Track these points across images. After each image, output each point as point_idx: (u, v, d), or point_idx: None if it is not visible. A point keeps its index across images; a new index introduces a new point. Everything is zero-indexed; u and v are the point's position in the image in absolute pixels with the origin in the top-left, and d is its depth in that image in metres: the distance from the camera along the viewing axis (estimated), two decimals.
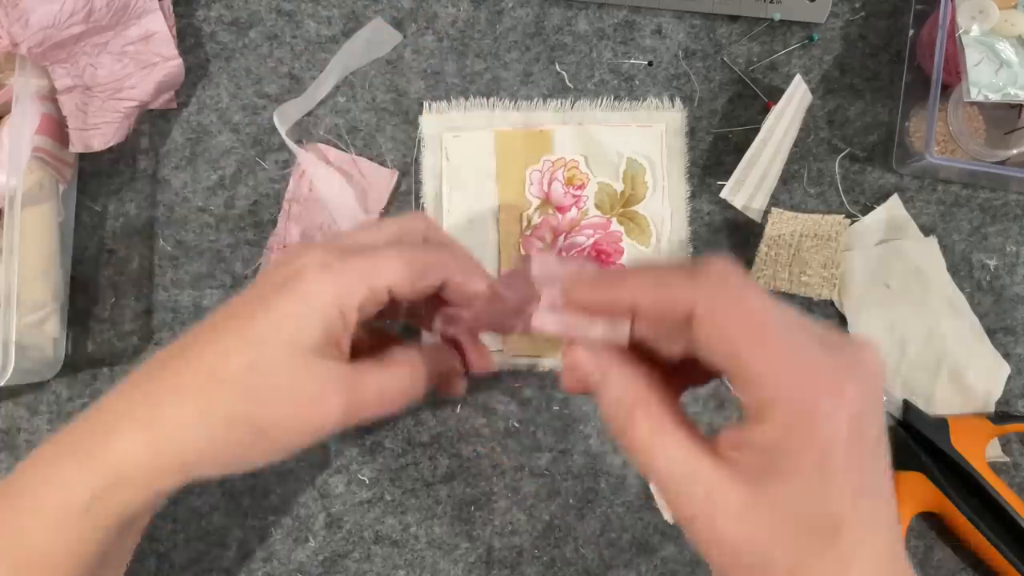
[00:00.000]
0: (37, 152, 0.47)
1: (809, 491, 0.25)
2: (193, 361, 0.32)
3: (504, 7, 0.54)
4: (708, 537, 0.26)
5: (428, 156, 0.53)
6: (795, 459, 0.25)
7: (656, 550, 0.51)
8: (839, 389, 0.25)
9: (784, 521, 0.26)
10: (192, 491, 0.52)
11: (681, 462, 0.27)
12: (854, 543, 0.26)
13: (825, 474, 0.25)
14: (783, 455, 0.25)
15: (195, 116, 0.53)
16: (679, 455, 0.27)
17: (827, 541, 0.26)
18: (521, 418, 0.52)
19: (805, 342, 0.26)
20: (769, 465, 0.26)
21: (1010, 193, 0.53)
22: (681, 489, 0.26)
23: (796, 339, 0.26)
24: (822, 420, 0.25)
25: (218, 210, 0.53)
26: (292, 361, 0.31)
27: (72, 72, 0.48)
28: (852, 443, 0.25)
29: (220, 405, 0.31)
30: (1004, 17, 0.48)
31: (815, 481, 0.25)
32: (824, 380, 0.25)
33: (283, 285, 0.33)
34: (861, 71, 0.54)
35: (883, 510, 0.27)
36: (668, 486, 0.27)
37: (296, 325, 0.31)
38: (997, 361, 0.52)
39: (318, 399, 0.32)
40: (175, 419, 0.31)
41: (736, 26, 0.54)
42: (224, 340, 0.32)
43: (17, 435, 0.52)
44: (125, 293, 0.53)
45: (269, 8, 0.54)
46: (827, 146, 0.54)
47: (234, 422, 0.31)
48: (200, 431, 0.31)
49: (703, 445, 0.27)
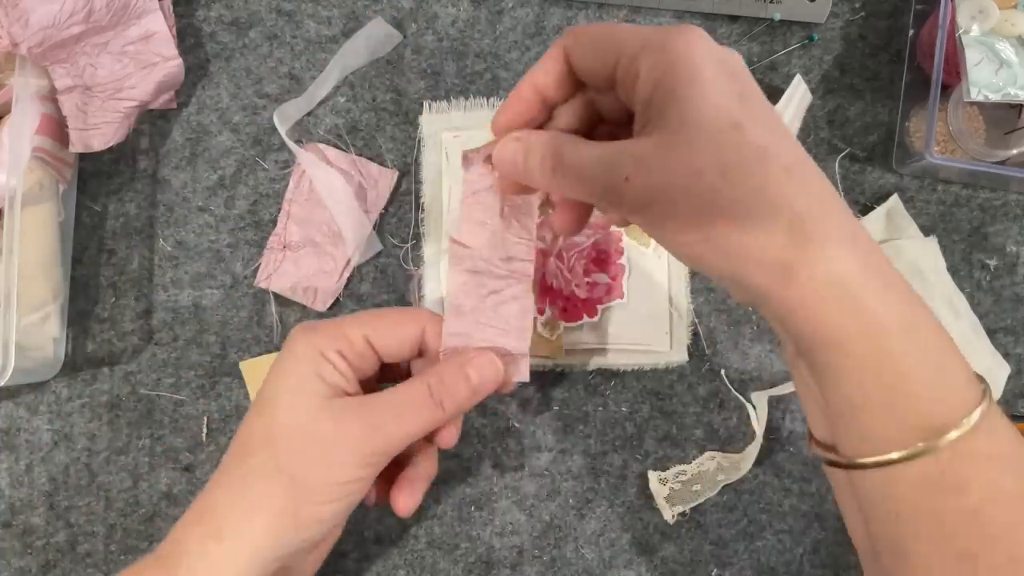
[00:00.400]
0: (37, 152, 0.47)
1: (696, 101, 0.28)
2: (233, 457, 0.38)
3: (504, 7, 0.54)
4: (647, 192, 0.29)
5: (428, 156, 0.53)
6: (672, 87, 0.29)
7: (656, 550, 0.51)
8: (690, 30, 0.30)
9: (694, 139, 0.28)
10: (192, 491, 0.52)
11: (613, 149, 0.30)
12: (764, 137, 0.28)
13: (702, 81, 0.28)
14: (663, 89, 0.29)
15: (195, 116, 0.53)
16: (608, 148, 0.31)
17: (738, 139, 0.28)
18: (521, 418, 0.52)
19: (652, 27, 0.32)
20: (659, 109, 0.29)
21: (1010, 193, 0.53)
22: (616, 169, 0.30)
23: (642, 27, 0.32)
24: (679, 48, 0.29)
25: (218, 210, 0.53)
26: (299, 407, 0.35)
27: (72, 72, 0.48)
28: (718, 64, 0.29)
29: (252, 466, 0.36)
30: (1004, 17, 0.48)
31: (696, 90, 0.28)
32: (674, 30, 0.30)
33: (280, 355, 0.38)
34: (861, 71, 0.54)
35: (781, 125, 0.30)
36: (602, 172, 0.30)
37: (295, 376, 0.36)
38: (997, 361, 0.52)
39: (332, 433, 0.35)
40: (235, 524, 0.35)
41: (736, 26, 0.54)
42: (247, 419, 0.38)
43: (17, 435, 0.52)
44: (125, 293, 0.53)
45: (269, 8, 0.54)
46: (827, 146, 0.54)
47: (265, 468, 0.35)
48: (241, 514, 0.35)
49: (622, 140, 0.31)
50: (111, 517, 0.51)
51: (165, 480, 0.52)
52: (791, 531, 0.52)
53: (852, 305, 0.28)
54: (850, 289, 0.28)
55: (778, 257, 0.28)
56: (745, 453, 0.51)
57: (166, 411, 0.52)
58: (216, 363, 0.52)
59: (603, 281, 0.51)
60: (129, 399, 0.52)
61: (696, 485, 0.51)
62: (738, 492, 0.52)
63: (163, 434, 0.52)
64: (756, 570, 0.52)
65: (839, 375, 0.29)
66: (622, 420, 0.52)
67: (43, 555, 0.51)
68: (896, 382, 0.28)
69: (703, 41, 0.29)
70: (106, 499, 0.51)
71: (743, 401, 0.52)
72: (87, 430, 0.52)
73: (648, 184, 0.29)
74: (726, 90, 0.29)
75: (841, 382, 0.29)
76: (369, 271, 0.53)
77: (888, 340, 0.28)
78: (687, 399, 0.52)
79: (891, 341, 0.28)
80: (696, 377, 0.52)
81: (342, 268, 0.52)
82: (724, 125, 0.28)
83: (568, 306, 0.51)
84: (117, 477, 0.52)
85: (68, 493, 0.51)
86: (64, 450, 0.52)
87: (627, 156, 0.30)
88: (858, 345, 0.28)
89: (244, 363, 0.52)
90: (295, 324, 0.52)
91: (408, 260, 0.53)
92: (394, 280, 0.53)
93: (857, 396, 0.29)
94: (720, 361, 0.52)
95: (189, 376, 0.52)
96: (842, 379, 0.29)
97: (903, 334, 0.28)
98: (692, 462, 0.52)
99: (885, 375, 0.28)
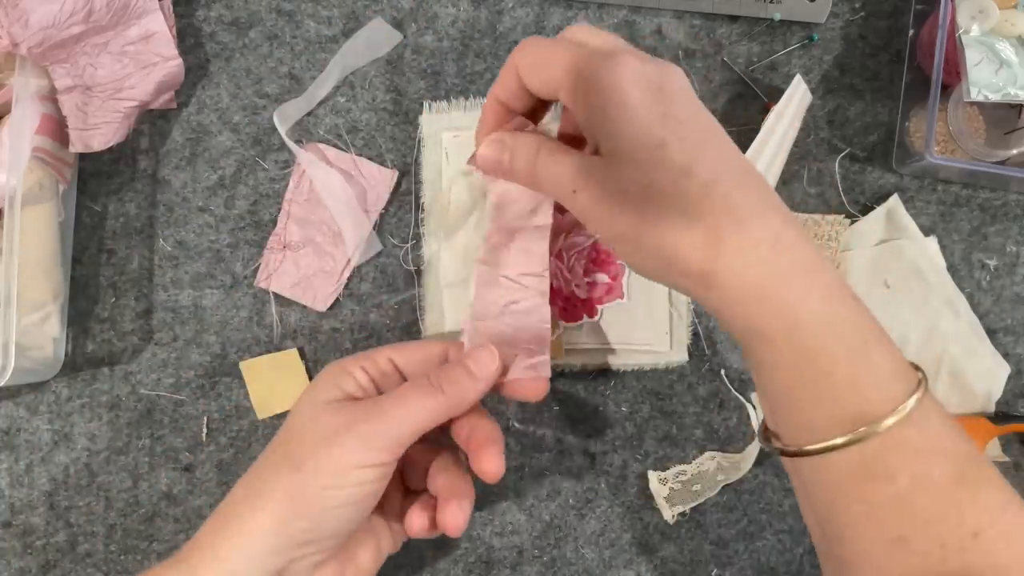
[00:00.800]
0: (37, 152, 0.47)
1: (623, 126, 0.31)
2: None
3: (504, 7, 0.54)
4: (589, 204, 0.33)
5: (428, 156, 0.53)
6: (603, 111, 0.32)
7: (656, 550, 0.51)
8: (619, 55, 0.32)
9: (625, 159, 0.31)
10: (192, 491, 0.52)
11: (570, 164, 0.34)
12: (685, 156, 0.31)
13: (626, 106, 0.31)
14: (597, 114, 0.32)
15: (195, 116, 0.53)
16: (569, 162, 0.34)
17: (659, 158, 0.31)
18: (521, 418, 0.52)
19: (598, 45, 0.34)
20: (596, 132, 0.32)
21: (1010, 193, 0.53)
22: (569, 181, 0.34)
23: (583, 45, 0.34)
24: (605, 75, 0.31)
25: (218, 210, 0.53)
26: (312, 409, 0.38)
27: (72, 72, 0.48)
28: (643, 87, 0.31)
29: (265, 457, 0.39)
30: (1004, 17, 0.48)
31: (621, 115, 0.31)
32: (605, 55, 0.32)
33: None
34: (861, 71, 0.54)
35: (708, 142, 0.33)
36: (561, 182, 0.34)
37: (316, 387, 0.39)
38: (997, 361, 0.52)
39: (336, 423, 0.36)
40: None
41: (736, 26, 0.54)
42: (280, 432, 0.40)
43: (17, 435, 0.52)
44: (125, 293, 0.53)
45: (269, 8, 0.54)
46: (827, 146, 0.54)
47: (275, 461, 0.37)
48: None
49: (585, 154, 0.35)
50: (111, 517, 0.51)
51: (165, 480, 0.52)
52: (791, 531, 0.52)
53: (770, 306, 0.30)
54: (767, 290, 0.30)
55: (698, 266, 0.30)
56: (745, 453, 0.51)
57: (166, 411, 0.52)
58: (216, 363, 0.52)
59: (603, 281, 0.51)
60: (129, 399, 0.52)
61: (696, 485, 0.51)
62: (738, 492, 0.52)
63: (163, 434, 0.52)
64: (756, 570, 0.52)
65: (769, 369, 0.31)
66: (622, 420, 0.52)
67: (43, 555, 0.51)
68: (819, 376, 0.30)
69: (631, 64, 0.32)
70: (106, 499, 0.51)
71: (743, 401, 0.52)
72: (87, 430, 0.52)
73: (590, 197, 0.33)
74: (652, 111, 0.31)
75: (772, 375, 0.31)
76: (369, 271, 0.53)
77: (807, 337, 0.30)
78: (687, 399, 0.52)
79: (810, 338, 0.30)
80: (696, 377, 0.52)
81: (342, 268, 0.52)
82: (649, 145, 0.31)
83: (568, 306, 0.51)
84: (117, 477, 0.52)
85: (68, 493, 0.51)
86: (64, 450, 0.52)
87: (577, 171, 0.33)
88: (781, 342, 0.30)
89: (244, 363, 0.52)
90: (295, 324, 0.52)
91: (408, 260, 0.53)
92: (394, 280, 0.53)
93: (787, 389, 0.31)
94: (720, 361, 0.52)
95: (189, 376, 0.52)
96: (772, 373, 0.31)
97: (822, 330, 0.30)
98: (692, 462, 0.52)
99: (808, 370, 0.30)
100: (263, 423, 0.52)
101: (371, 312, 0.53)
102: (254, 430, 0.52)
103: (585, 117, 0.33)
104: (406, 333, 0.52)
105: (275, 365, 0.52)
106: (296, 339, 0.52)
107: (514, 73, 0.36)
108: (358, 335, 0.52)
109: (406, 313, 0.53)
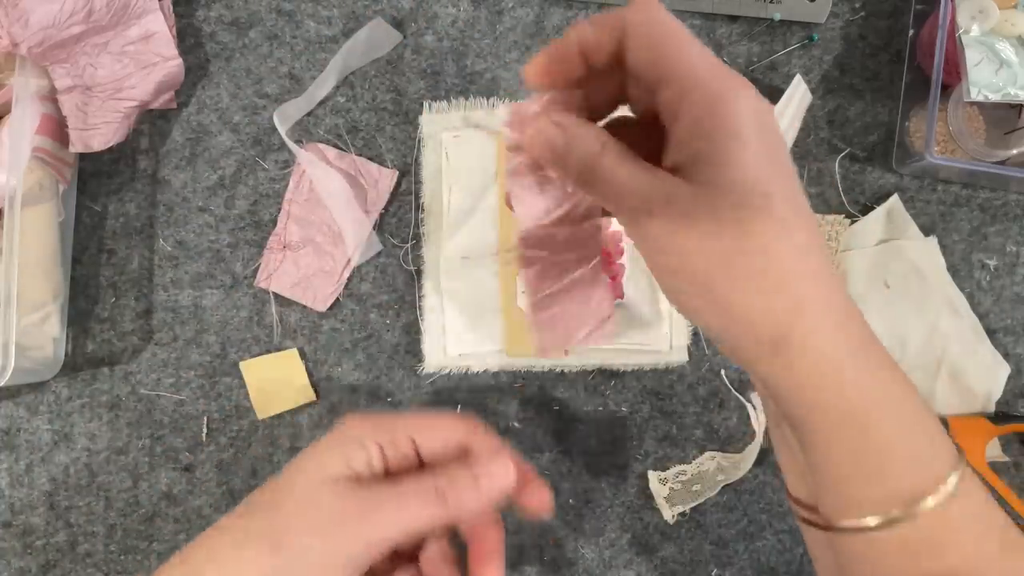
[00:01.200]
0: (37, 152, 0.47)
1: (733, 164, 0.28)
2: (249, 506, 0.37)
3: (504, 7, 0.54)
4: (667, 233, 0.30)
5: (428, 156, 0.53)
6: (712, 138, 0.28)
7: (656, 550, 0.51)
8: (742, 83, 0.29)
9: (722, 199, 0.28)
10: (192, 491, 0.52)
11: (648, 181, 0.30)
12: (787, 213, 0.29)
13: (743, 144, 0.28)
14: (703, 138, 0.29)
15: (195, 116, 0.53)
16: (644, 177, 0.30)
17: (764, 210, 0.28)
18: (521, 418, 0.52)
19: (712, 56, 0.30)
20: (695, 154, 0.29)
21: (1010, 193, 0.53)
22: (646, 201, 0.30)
23: (706, 51, 0.30)
24: (730, 103, 0.29)
25: (218, 210, 0.53)
26: (312, 485, 0.36)
27: (72, 72, 0.48)
28: (759, 128, 0.29)
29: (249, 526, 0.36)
30: (1004, 17, 0.48)
31: (736, 154, 0.28)
32: (728, 77, 0.29)
33: (330, 431, 0.38)
34: (861, 71, 0.54)
35: (803, 201, 0.30)
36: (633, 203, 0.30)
37: (326, 454, 0.37)
38: (997, 361, 0.52)
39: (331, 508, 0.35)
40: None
41: (736, 26, 0.54)
42: (269, 479, 0.38)
43: (17, 435, 0.52)
44: (125, 293, 0.53)
45: (269, 8, 0.54)
46: (827, 146, 0.54)
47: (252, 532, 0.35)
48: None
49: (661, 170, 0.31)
50: (111, 517, 0.51)
51: (165, 480, 0.52)
52: (791, 531, 0.52)
53: (837, 382, 0.29)
54: (836, 367, 0.29)
55: (773, 331, 0.29)
56: (745, 453, 0.51)
57: (166, 411, 0.52)
58: (216, 363, 0.52)
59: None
60: (129, 399, 0.52)
61: (696, 485, 0.51)
62: (738, 492, 0.52)
63: (163, 434, 0.52)
64: (756, 570, 0.52)
65: (822, 445, 0.30)
66: (622, 420, 0.52)
67: (43, 555, 0.51)
68: (876, 455, 0.30)
69: (751, 99, 0.29)
70: (106, 499, 0.51)
71: (743, 401, 0.52)
72: (87, 430, 0.52)
73: (670, 227, 0.29)
74: (761, 154, 0.29)
75: (824, 452, 0.31)
76: (369, 271, 0.53)
77: (869, 416, 0.29)
78: (687, 399, 0.52)
79: (872, 417, 0.29)
80: (696, 377, 0.52)
81: (342, 268, 0.52)
82: (756, 192, 0.29)
83: None
84: (117, 477, 0.52)
85: (68, 493, 0.51)
86: (64, 450, 0.52)
87: (658, 192, 0.30)
88: (841, 420, 0.30)
89: (244, 363, 0.52)
90: (295, 324, 0.52)
91: (408, 260, 0.53)
92: (394, 280, 0.53)
93: (839, 466, 0.30)
94: (720, 361, 0.52)
95: (189, 376, 0.52)
96: (825, 449, 0.30)
97: (884, 410, 0.29)
98: (692, 462, 0.52)
99: (866, 449, 0.30)
100: (263, 423, 0.52)
101: (371, 312, 0.52)
102: (254, 430, 0.52)
103: (685, 136, 0.29)
104: (406, 333, 0.52)
105: (275, 365, 0.52)
106: (296, 339, 0.52)
107: (616, 30, 0.30)
108: (358, 335, 0.52)
109: (406, 313, 0.53)
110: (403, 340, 0.53)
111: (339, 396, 0.52)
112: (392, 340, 0.53)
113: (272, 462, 0.52)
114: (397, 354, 0.52)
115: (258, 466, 0.52)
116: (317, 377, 0.52)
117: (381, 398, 0.52)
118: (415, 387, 0.52)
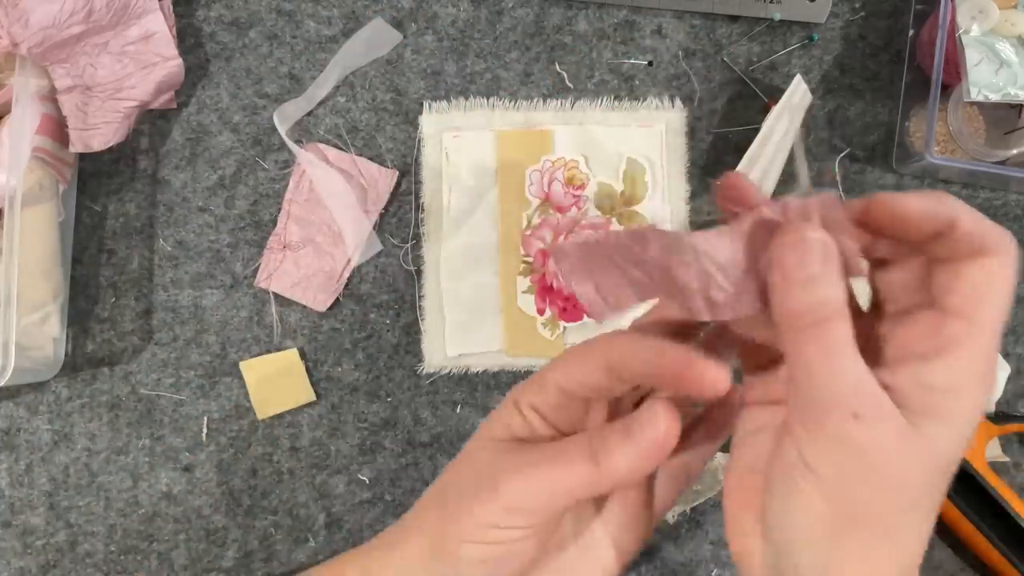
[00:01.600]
0: (37, 152, 0.47)
1: (956, 439, 0.26)
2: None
3: (504, 7, 0.54)
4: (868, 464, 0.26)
5: (428, 156, 0.53)
6: (959, 404, 0.25)
7: (656, 550, 0.51)
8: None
9: (934, 462, 0.26)
10: (192, 491, 0.52)
11: (858, 382, 0.25)
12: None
13: (970, 425, 0.26)
14: (953, 397, 0.25)
15: (195, 116, 0.53)
16: (861, 376, 0.25)
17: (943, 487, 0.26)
18: None
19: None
20: (933, 406, 0.25)
21: (1010, 193, 0.53)
22: (857, 412, 0.25)
23: None
24: (985, 376, 0.26)
25: (218, 210, 0.53)
26: (478, 442, 0.35)
27: (72, 72, 0.48)
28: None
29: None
30: (1004, 17, 0.48)
31: (964, 431, 0.26)
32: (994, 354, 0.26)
33: None
34: (861, 71, 0.54)
35: None
36: (837, 404, 0.26)
37: (489, 424, 0.35)
38: (997, 361, 0.52)
39: (486, 465, 0.33)
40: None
41: (736, 26, 0.54)
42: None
43: (17, 435, 0.52)
44: (125, 293, 0.53)
45: (269, 8, 0.54)
46: (827, 146, 0.54)
47: (438, 488, 0.34)
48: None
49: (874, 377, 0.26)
50: (111, 517, 0.51)
51: (165, 480, 0.52)
52: None
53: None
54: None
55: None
56: None
57: (166, 411, 0.52)
58: (216, 363, 0.52)
59: None
60: (129, 399, 0.52)
61: (696, 485, 0.51)
62: None
63: (163, 434, 0.52)
64: None
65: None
66: None
67: (43, 555, 0.51)
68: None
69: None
70: (106, 499, 0.51)
71: None
72: (87, 430, 0.52)
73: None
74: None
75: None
76: (369, 271, 0.53)
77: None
78: None
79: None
80: None
81: (342, 268, 0.52)
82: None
83: (568, 306, 0.51)
84: (117, 477, 0.52)
85: (68, 493, 0.51)
86: (64, 450, 0.52)
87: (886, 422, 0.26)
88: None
89: (244, 363, 0.52)
90: (295, 324, 0.52)
91: (408, 260, 0.53)
92: (394, 280, 0.53)
93: None
94: None
95: (189, 376, 0.52)
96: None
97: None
98: None
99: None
100: (263, 423, 0.52)
101: (371, 312, 0.53)
102: (254, 430, 0.52)
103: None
104: (406, 333, 0.52)
105: (275, 365, 0.52)
106: (296, 339, 0.52)
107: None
108: (358, 335, 0.52)
109: (406, 313, 0.53)
110: (403, 340, 0.53)
111: (339, 396, 0.52)
112: (392, 340, 0.53)
113: (272, 462, 0.52)
114: (397, 354, 0.52)
115: (258, 466, 0.52)
116: (317, 377, 0.52)
117: (381, 398, 0.52)
118: (415, 387, 0.52)
